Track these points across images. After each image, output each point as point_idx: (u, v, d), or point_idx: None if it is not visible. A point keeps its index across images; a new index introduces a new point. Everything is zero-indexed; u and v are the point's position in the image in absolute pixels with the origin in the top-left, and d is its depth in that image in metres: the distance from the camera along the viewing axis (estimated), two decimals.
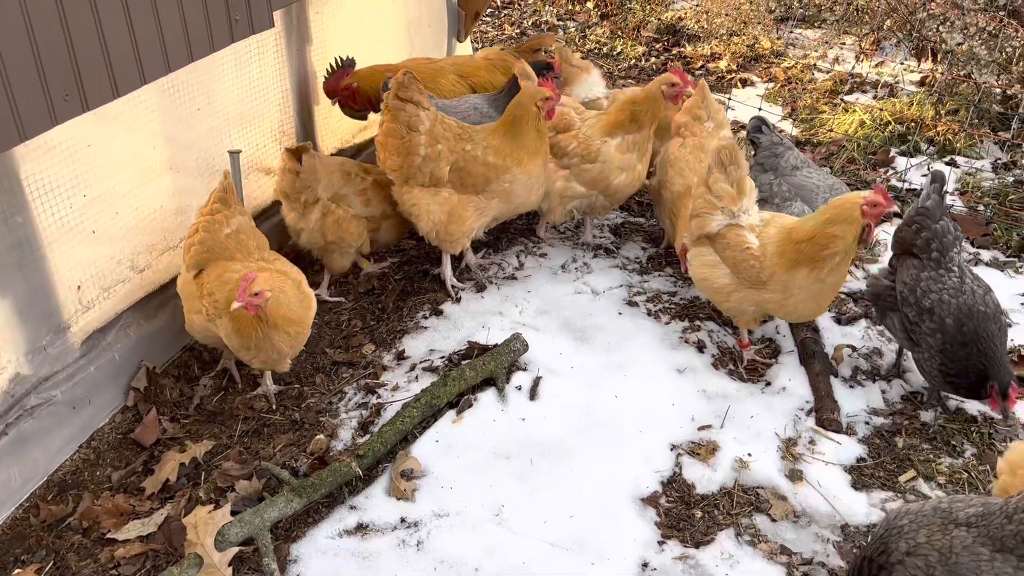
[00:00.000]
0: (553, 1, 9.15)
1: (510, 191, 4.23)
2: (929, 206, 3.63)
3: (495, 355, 3.84)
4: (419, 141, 4.10)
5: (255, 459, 3.47)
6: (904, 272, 3.66)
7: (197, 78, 3.88)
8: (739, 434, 3.64)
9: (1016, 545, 2.21)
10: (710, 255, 3.91)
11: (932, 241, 3.59)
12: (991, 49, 5.71)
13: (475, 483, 3.36)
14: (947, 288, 3.51)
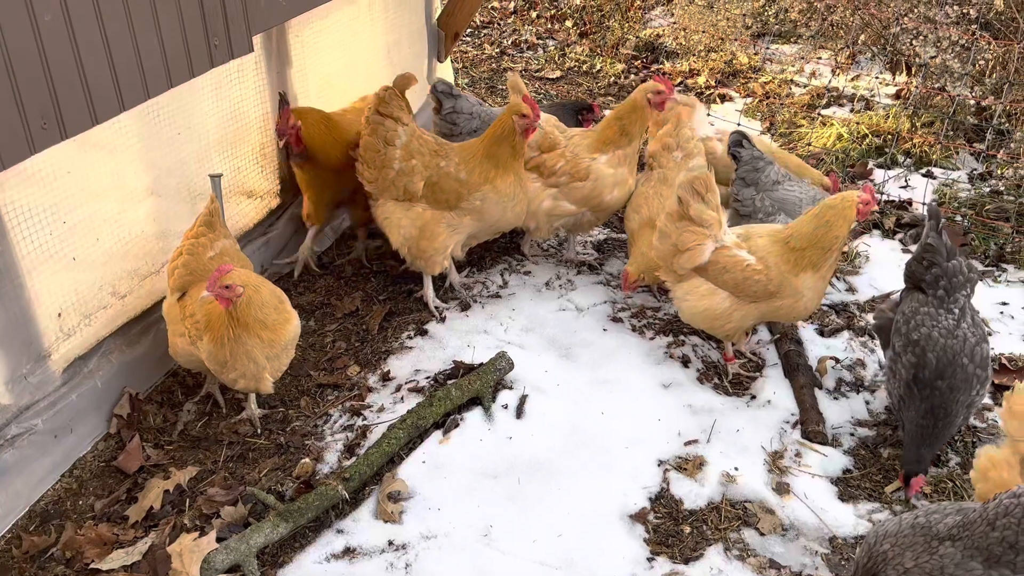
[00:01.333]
0: (532, 20, 9.22)
1: (482, 209, 4.25)
2: (932, 242, 3.55)
3: (481, 374, 3.84)
4: (394, 155, 4.18)
5: (240, 484, 3.44)
6: (905, 304, 3.62)
7: (177, 103, 3.87)
8: (726, 448, 3.64)
9: (1004, 552, 2.21)
10: (704, 285, 3.87)
11: (941, 279, 3.50)
12: (964, 62, 5.80)
13: (463, 504, 3.35)
14: (940, 327, 3.42)
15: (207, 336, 3.39)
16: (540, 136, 4.53)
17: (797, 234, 3.74)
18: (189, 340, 3.51)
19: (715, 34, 7.92)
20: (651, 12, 9.00)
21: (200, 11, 3.09)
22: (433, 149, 4.24)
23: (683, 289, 3.94)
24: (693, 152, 4.52)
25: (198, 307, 3.45)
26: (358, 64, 5.40)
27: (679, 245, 3.84)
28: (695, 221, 3.80)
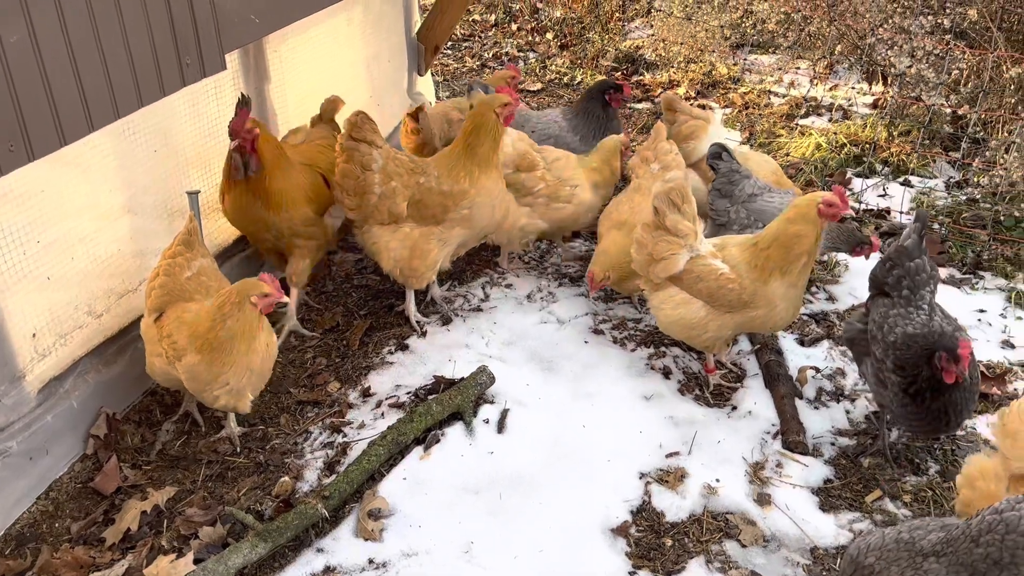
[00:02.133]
0: (513, 32, 9.25)
1: (470, 216, 4.25)
2: (908, 245, 3.53)
3: (461, 389, 3.83)
4: (373, 180, 4.13)
5: (219, 504, 3.41)
6: (875, 311, 3.58)
7: (153, 120, 3.85)
8: (707, 460, 3.64)
9: (988, 569, 2.19)
10: (679, 294, 3.87)
11: (904, 279, 3.49)
12: (938, 71, 5.86)
13: (444, 520, 3.33)
14: (913, 323, 3.41)
15: (196, 357, 3.37)
16: (517, 156, 4.58)
17: (763, 235, 3.77)
18: (167, 360, 3.48)
19: (694, 45, 7.97)
20: (631, 24, 9.05)
21: (171, 29, 3.07)
22: (410, 168, 4.23)
23: (659, 298, 3.95)
24: (671, 164, 4.53)
25: (175, 328, 3.42)
26: (337, 79, 5.39)
27: (654, 254, 3.85)
28: (671, 231, 3.81)
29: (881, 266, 3.60)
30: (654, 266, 3.87)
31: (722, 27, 7.85)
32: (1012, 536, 2.11)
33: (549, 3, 9.52)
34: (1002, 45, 5.84)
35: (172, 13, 3.07)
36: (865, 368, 3.66)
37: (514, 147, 4.62)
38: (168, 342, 3.42)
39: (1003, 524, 2.16)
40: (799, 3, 7.30)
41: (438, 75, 8.03)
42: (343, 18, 5.32)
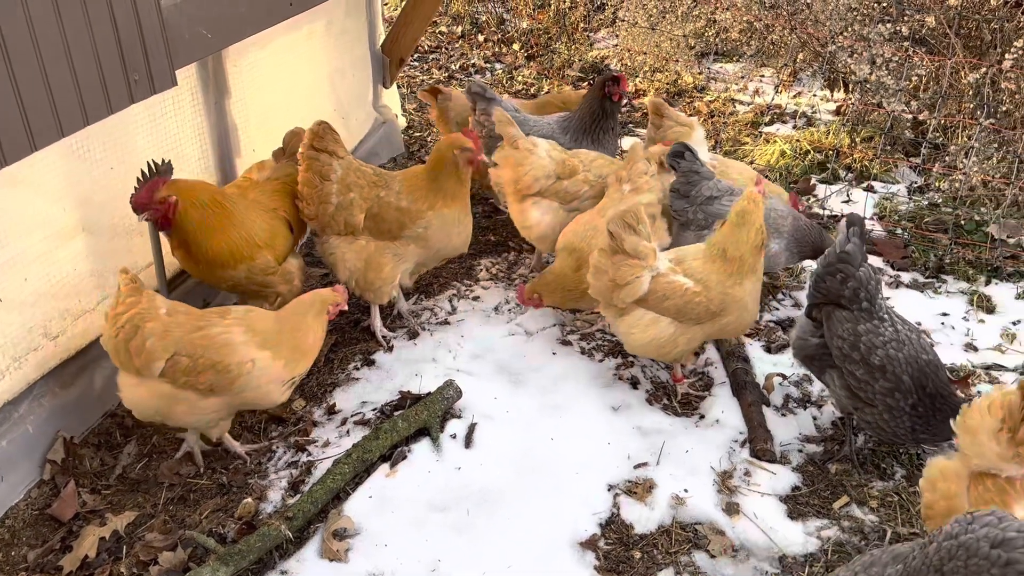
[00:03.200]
0: (480, 43, 9.25)
1: (426, 236, 4.22)
2: (850, 250, 3.49)
3: (428, 404, 3.79)
4: (331, 190, 4.13)
5: (180, 528, 3.34)
6: (837, 326, 3.50)
7: (109, 136, 3.79)
8: (675, 470, 3.63)
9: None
10: (645, 315, 3.84)
11: (860, 291, 3.45)
12: (898, 78, 5.93)
13: (411, 538, 3.28)
14: (890, 341, 3.39)
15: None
16: (555, 164, 4.59)
17: (731, 242, 3.77)
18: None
19: (659, 55, 8.02)
20: (596, 34, 9.09)
21: (117, 46, 3.01)
22: (371, 180, 4.20)
23: (626, 323, 3.89)
24: (643, 188, 4.37)
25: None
26: (300, 93, 5.35)
27: (617, 280, 3.78)
28: (631, 254, 3.77)
29: (831, 277, 3.51)
30: (618, 292, 3.80)
31: (686, 36, 7.90)
32: (975, 560, 2.01)
33: (515, 14, 9.54)
34: (959, 51, 5.93)
35: (118, 28, 3.01)
36: (830, 380, 3.63)
37: (550, 157, 4.63)
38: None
39: (963, 550, 2.05)
40: (761, 12, 7.37)
41: (404, 87, 8.00)
42: (305, 31, 5.28)
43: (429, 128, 7.25)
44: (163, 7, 3.30)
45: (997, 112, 5.71)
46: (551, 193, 4.65)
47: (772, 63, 8.03)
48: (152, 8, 3.18)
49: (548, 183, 4.63)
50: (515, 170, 4.64)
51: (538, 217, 4.70)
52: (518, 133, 4.66)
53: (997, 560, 1.93)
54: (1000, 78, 5.65)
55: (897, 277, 5.06)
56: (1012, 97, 5.73)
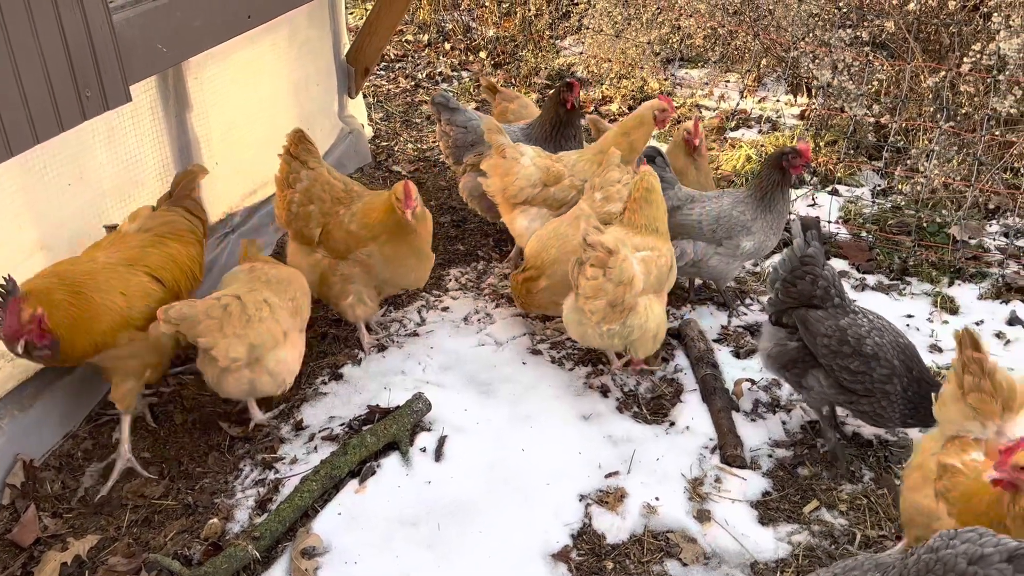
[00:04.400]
0: (446, 52, 9.23)
1: (368, 264, 4.19)
2: (813, 252, 3.56)
3: (396, 418, 3.75)
4: (292, 197, 4.19)
5: (145, 551, 3.27)
6: (817, 326, 3.53)
7: (66, 152, 3.72)
8: (646, 478, 3.63)
9: None
10: (647, 299, 3.92)
11: (830, 288, 3.55)
12: (859, 83, 6.01)
13: (381, 554, 3.24)
14: (872, 330, 3.47)
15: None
16: (541, 172, 4.62)
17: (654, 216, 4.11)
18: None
19: (625, 61, 8.05)
20: (562, 42, 9.11)
21: (67, 62, 2.95)
22: (337, 196, 4.17)
23: (640, 316, 3.88)
24: (613, 197, 4.38)
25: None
26: (264, 104, 5.29)
27: (623, 280, 3.74)
28: (616, 251, 3.75)
29: (801, 280, 3.58)
30: (630, 288, 3.77)
31: (651, 43, 7.94)
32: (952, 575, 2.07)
33: (481, 22, 9.54)
34: (919, 55, 6.01)
35: (68, 44, 2.95)
36: (814, 381, 3.62)
37: (535, 165, 4.63)
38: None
39: (941, 564, 2.11)
40: (724, 19, 7.43)
41: (370, 97, 7.96)
42: (267, 43, 5.23)
43: (396, 137, 7.22)
44: (115, 22, 3.24)
45: (956, 115, 5.80)
46: (539, 201, 4.66)
47: (737, 69, 8.10)
48: (103, 23, 3.12)
49: (535, 191, 4.64)
50: (503, 179, 4.64)
51: (526, 225, 4.70)
52: (506, 141, 4.65)
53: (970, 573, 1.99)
54: (959, 81, 5.74)
55: (863, 279, 5.11)
56: (971, 100, 5.82)
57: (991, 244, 5.39)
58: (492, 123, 4.70)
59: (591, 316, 3.82)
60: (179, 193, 3.95)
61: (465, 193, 5.23)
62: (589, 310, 3.81)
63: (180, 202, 3.96)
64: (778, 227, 4.58)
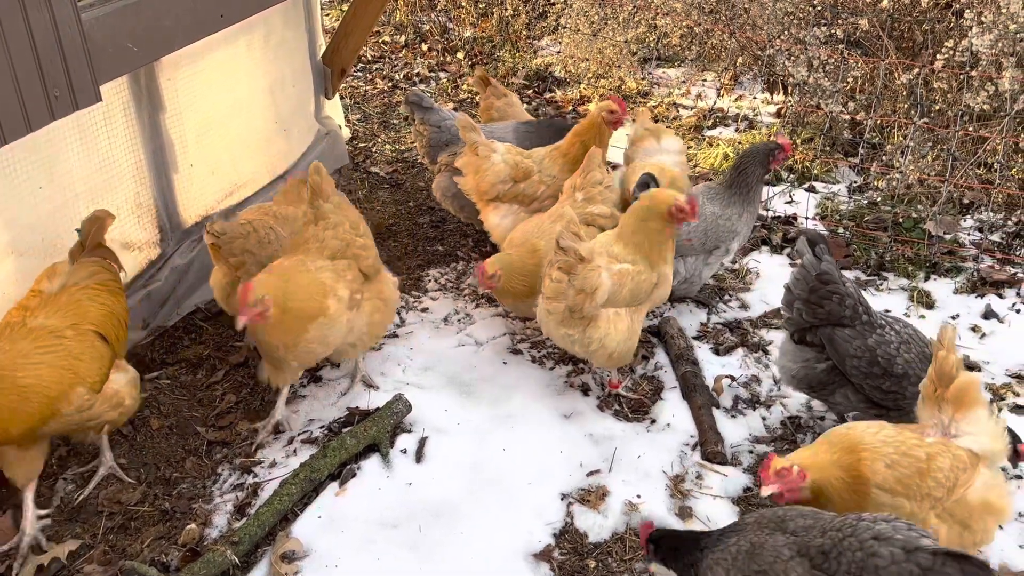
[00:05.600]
0: (424, 53, 9.20)
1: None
2: (828, 268, 3.51)
3: (376, 419, 3.73)
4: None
5: (121, 558, 3.22)
6: (845, 346, 3.48)
7: (36, 154, 3.66)
8: (628, 476, 3.63)
9: (815, 555, 2.46)
10: (610, 311, 3.79)
11: (857, 306, 3.50)
12: (834, 80, 6.04)
13: (361, 558, 3.22)
14: (900, 345, 3.44)
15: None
16: (510, 168, 4.61)
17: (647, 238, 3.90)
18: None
19: (602, 61, 8.06)
20: (539, 42, 9.11)
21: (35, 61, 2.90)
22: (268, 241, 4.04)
23: (600, 329, 3.77)
24: (595, 198, 4.36)
25: None
26: (240, 105, 5.24)
27: (586, 288, 3.66)
28: (588, 259, 3.70)
29: (827, 300, 3.50)
30: (590, 299, 3.68)
31: (628, 42, 7.95)
32: (850, 540, 2.43)
33: (458, 23, 9.51)
34: (892, 53, 6.06)
35: (36, 43, 2.90)
36: (843, 398, 3.60)
37: (505, 161, 4.62)
38: None
39: (849, 528, 2.48)
40: (700, 17, 7.45)
41: (347, 98, 7.92)
42: (243, 43, 5.18)
43: (374, 138, 7.18)
44: (84, 20, 3.19)
45: (930, 111, 5.85)
46: (510, 197, 4.67)
47: (713, 67, 8.13)
48: (72, 22, 3.07)
49: (506, 187, 4.65)
50: (475, 176, 4.63)
51: (497, 221, 4.72)
52: (479, 138, 4.64)
53: (867, 548, 2.39)
54: (932, 78, 5.79)
55: None
56: (944, 96, 5.87)
57: (966, 239, 5.44)
58: (466, 120, 4.68)
59: (549, 316, 3.81)
60: (91, 242, 3.58)
61: (438, 193, 5.22)
62: (547, 309, 3.80)
63: (94, 252, 3.58)
64: (755, 216, 4.63)
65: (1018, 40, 5.19)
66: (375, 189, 6.29)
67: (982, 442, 2.92)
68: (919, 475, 2.83)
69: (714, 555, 2.67)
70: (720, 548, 2.67)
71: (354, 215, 3.92)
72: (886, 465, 2.84)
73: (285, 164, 5.78)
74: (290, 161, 5.86)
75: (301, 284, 3.54)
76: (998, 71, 5.24)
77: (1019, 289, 4.93)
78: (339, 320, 3.62)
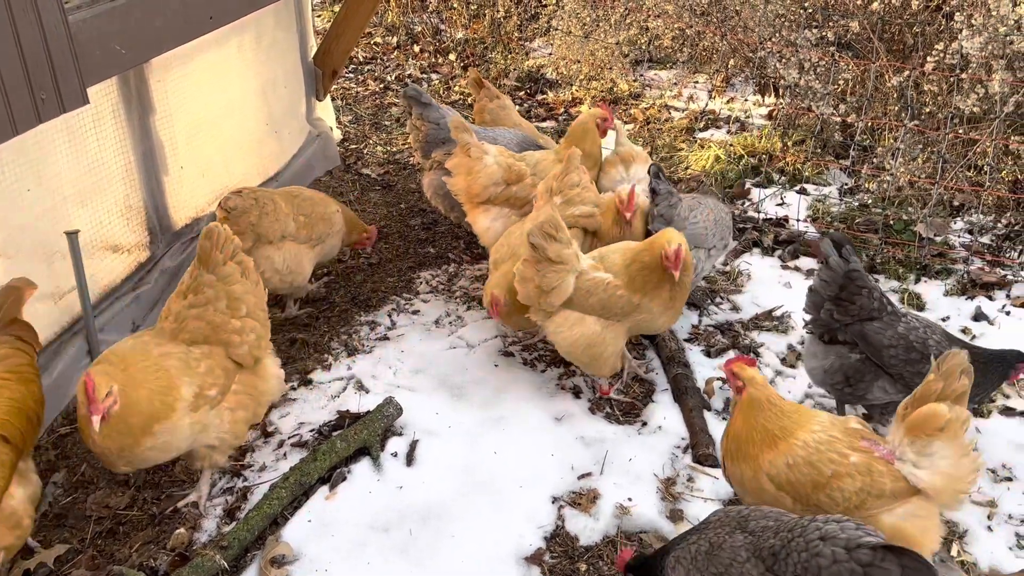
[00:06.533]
0: (416, 54, 9.19)
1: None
2: (856, 267, 3.59)
3: (367, 423, 3.72)
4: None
5: (109, 563, 3.20)
6: (879, 338, 3.54)
7: (24, 156, 3.64)
8: (619, 479, 3.62)
9: (767, 556, 2.53)
10: (572, 314, 3.84)
11: (883, 298, 3.61)
12: (825, 82, 6.06)
13: (352, 562, 3.21)
14: (924, 329, 3.56)
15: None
16: (503, 171, 4.60)
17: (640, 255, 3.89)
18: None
19: (594, 63, 8.06)
20: (531, 44, 9.11)
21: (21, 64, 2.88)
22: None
23: (555, 323, 3.88)
24: (574, 200, 4.36)
25: None
26: (231, 107, 5.23)
27: (544, 286, 3.76)
28: (556, 261, 3.74)
29: (859, 297, 3.58)
30: (546, 296, 3.79)
31: (619, 44, 7.96)
32: (798, 540, 2.49)
33: (450, 24, 9.51)
34: (883, 55, 6.08)
35: (22, 45, 2.88)
36: (880, 391, 3.62)
37: (498, 163, 4.61)
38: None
39: (800, 528, 2.54)
40: (692, 20, 7.46)
41: (339, 99, 7.90)
42: (234, 45, 5.17)
43: (365, 140, 7.17)
44: (71, 22, 3.17)
45: (921, 114, 5.87)
46: (502, 199, 4.65)
47: (705, 69, 8.14)
48: (59, 24, 3.05)
49: (498, 190, 4.63)
50: (466, 178, 4.62)
51: (487, 224, 4.69)
52: (471, 139, 4.63)
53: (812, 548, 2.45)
54: (923, 81, 5.81)
55: None
56: (934, 99, 5.90)
57: (956, 241, 5.46)
58: (459, 121, 4.68)
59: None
60: (4, 317, 3.23)
61: (429, 191, 5.21)
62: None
63: (7, 329, 3.23)
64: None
65: (1008, 43, 5.21)
66: (366, 191, 6.28)
67: (922, 475, 2.88)
68: (812, 486, 2.92)
69: (676, 553, 2.73)
70: (682, 546, 2.73)
71: (241, 290, 3.39)
72: (787, 464, 2.95)
73: (277, 166, 5.77)
74: (281, 163, 5.86)
75: (140, 375, 3.05)
76: (988, 74, 5.27)
77: (1009, 291, 4.94)
78: (179, 423, 3.12)
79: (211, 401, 3.22)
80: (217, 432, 3.29)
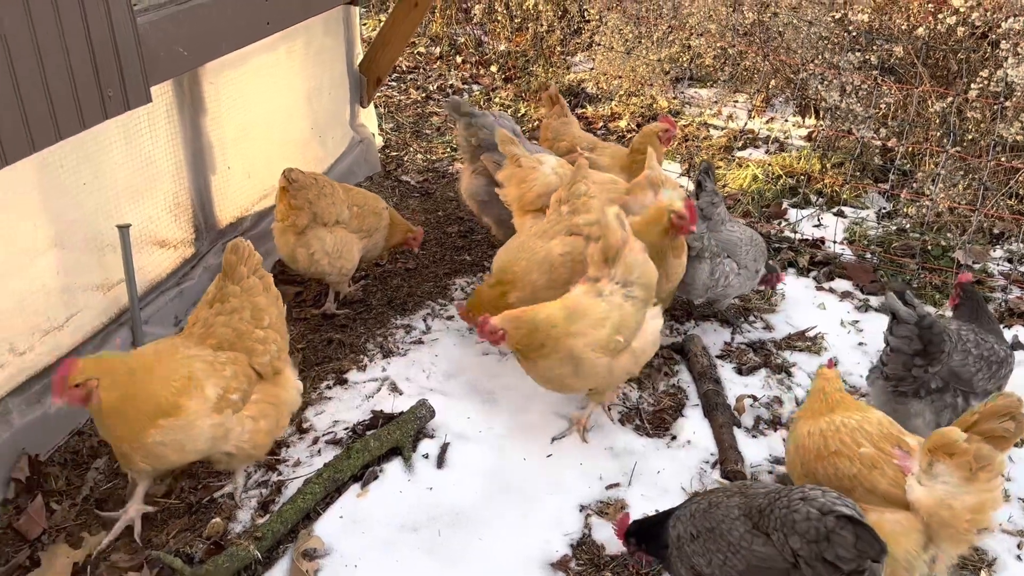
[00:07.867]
0: (458, 65, 9.31)
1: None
2: (923, 312, 3.52)
3: (400, 424, 3.78)
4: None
5: (147, 548, 3.29)
6: (965, 370, 3.58)
7: (82, 151, 3.77)
8: (647, 491, 3.65)
9: (754, 514, 2.77)
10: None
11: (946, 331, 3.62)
12: (867, 106, 6.05)
13: (381, 559, 3.26)
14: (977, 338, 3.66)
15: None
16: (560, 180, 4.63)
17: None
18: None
19: (635, 79, 8.11)
20: (573, 58, 9.18)
21: (91, 61, 3.00)
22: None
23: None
24: (580, 209, 4.34)
25: None
26: (278, 110, 5.36)
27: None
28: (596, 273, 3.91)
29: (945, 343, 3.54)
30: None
31: (661, 61, 8.01)
32: (783, 500, 2.71)
33: (493, 36, 9.62)
34: (927, 80, 6.06)
35: (92, 44, 3.00)
36: (951, 399, 3.62)
37: (556, 173, 4.71)
38: None
39: (787, 492, 2.75)
40: (734, 39, 7.49)
41: (382, 107, 8.03)
42: (283, 50, 5.30)
43: (406, 147, 7.28)
44: (139, 24, 3.30)
45: (963, 140, 5.84)
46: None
47: (745, 89, 8.15)
48: (127, 24, 3.18)
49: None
50: (519, 187, 4.71)
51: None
52: (520, 151, 4.73)
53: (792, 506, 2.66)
54: (966, 107, 5.79)
55: (866, 301, 5.13)
56: (977, 126, 5.87)
57: (995, 269, 5.42)
58: (505, 135, 4.76)
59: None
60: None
61: (466, 194, 5.31)
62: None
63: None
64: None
65: None
66: (405, 197, 6.38)
67: (918, 491, 2.89)
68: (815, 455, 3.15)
69: (678, 512, 2.99)
70: (684, 507, 2.99)
71: (264, 302, 3.48)
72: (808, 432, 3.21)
73: (320, 169, 5.89)
74: (325, 166, 5.97)
75: (154, 371, 3.16)
76: None
77: None
78: (198, 423, 3.18)
79: (233, 405, 3.31)
80: (237, 440, 3.35)
